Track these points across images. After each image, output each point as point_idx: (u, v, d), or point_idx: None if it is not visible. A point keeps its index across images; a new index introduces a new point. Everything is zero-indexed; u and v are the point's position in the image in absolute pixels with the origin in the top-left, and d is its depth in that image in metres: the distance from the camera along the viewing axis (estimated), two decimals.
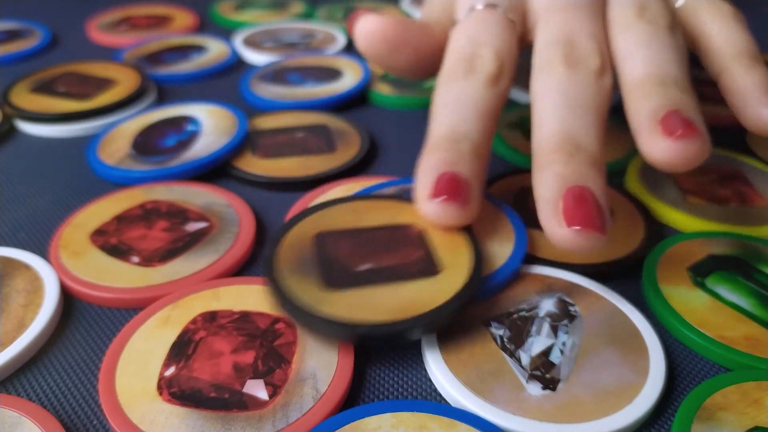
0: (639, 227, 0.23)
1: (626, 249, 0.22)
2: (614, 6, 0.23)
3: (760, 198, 0.25)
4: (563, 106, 0.20)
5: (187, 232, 0.22)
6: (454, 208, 0.19)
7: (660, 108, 0.19)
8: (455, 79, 0.22)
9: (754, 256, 0.22)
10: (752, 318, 0.19)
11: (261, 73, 0.35)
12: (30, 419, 0.16)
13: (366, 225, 0.21)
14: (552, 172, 0.19)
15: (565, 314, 0.19)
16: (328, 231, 0.21)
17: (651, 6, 0.23)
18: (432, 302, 0.18)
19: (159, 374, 0.17)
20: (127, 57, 0.38)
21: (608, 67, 0.22)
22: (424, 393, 0.18)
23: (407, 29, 0.25)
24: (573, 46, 0.22)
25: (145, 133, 0.29)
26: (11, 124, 0.31)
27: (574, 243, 0.18)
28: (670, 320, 0.19)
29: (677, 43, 0.22)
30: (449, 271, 0.19)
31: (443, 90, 0.22)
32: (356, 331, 0.17)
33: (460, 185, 0.19)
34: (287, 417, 0.16)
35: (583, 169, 0.19)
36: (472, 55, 0.22)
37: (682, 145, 0.19)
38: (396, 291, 0.18)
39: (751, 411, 0.16)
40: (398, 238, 0.20)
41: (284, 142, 0.29)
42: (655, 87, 0.20)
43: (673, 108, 0.19)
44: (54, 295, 0.20)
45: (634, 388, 0.17)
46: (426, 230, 0.20)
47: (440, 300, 0.18)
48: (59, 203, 0.25)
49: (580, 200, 0.18)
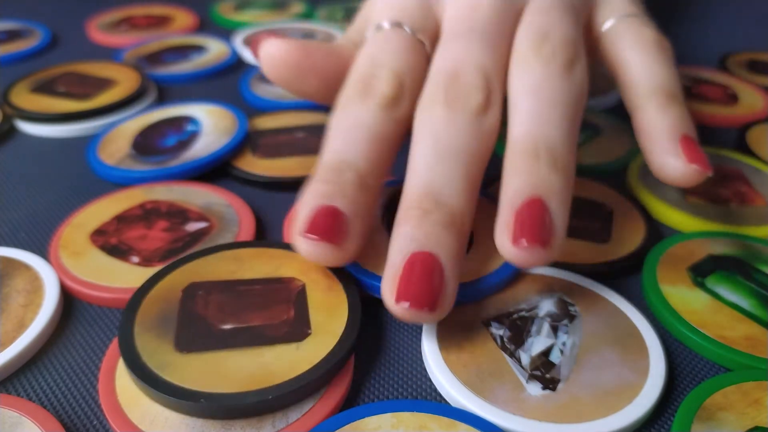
0: (640, 228, 0.23)
1: (626, 249, 0.22)
2: (519, 33, 0.22)
3: (759, 198, 0.25)
4: (432, 153, 0.19)
5: (187, 232, 0.22)
6: (325, 246, 0.18)
7: (520, 193, 0.18)
8: (351, 103, 0.21)
9: (753, 256, 0.22)
10: (752, 318, 0.19)
11: (261, 73, 0.35)
12: (30, 419, 0.16)
13: (243, 277, 0.19)
14: (401, 232, 0.18)
15: (565, 314, 0.19)
16: (201, 282, 0.19)
17: (553, 36, 0.21)
18: (289, 372, 0.16)
19: None
20: (127, 57, 0.38)
21: (494, 103, 0.20)
22: (424, 393, 0.18)
23: (311, 53, 0.23)
24: (457, 79, 0.20)
25: (145, 133, 0.29)
26: (11, 124, 0.31)
27: (405, 318, 0.16)
28: (671, 320, 0.19)
29: (571, 87, 0.20)
30: (317, 337, 0.17)
31: (338, 114, 0.21)
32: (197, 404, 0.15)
33: (335, 222, 0.18)
34: (287, 417, 0.16)
35: (436, 230, 0.17)
36: (370, 75, 0.21)
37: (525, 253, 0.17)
38: (255, 357, 0.17)
39: (751, 411, 0.16)
40: (274, 294, 0.19)
41: (284, 142, 0.29)
42: (526, 161, 0.19)
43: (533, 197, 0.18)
44: (54, 295, 0.20)
45: (634, 388, 0.17)
46: (307, 286, 0.19)
47: (297, 370, 0.16)
48: (59, 203, 0.25)
49: (419, 271, 0.17)
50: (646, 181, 0.26)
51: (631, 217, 0.24)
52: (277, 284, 0.19)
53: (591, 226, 0.23)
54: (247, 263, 0.20)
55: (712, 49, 0.42)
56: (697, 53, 0.42)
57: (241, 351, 0.17)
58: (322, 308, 0.18)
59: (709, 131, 0.32)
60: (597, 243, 0.22)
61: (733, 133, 0.31)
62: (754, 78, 0.37)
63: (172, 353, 0.17)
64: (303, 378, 0.16)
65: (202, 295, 0.19)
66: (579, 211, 0.24)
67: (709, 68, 0.38)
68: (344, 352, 0.17)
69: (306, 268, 0.20)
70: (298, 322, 0.18)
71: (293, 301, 0.19)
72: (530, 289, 0.20)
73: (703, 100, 0.34)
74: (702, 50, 0.42)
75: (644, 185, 0.26)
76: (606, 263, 0.21)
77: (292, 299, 0.19)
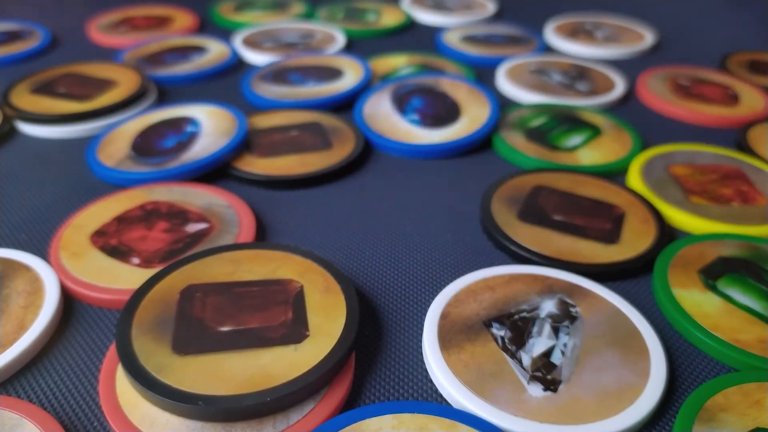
0: (650, 232, 0.23)
1: (632, 252, 0.22)
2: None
3: (761, 197, 0.25)
4: None
5: (187, 233, 0.22)
6: None
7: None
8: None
9: (763, 258, 0.22)
10: (765, 321, 0.19)
11: (261, 73, 0.35)
12: (30, 421, 0.16)
13: (241, 279, 0.19)
14: None
15: (567, 315, 0.19)
16: (199, 284, 0.19)
17: None
18: (287, 374, 0.16)
19: None
20: (127, 58, 0.38)
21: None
22: (425, 394, 0.18)
23: None
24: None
25: (144, 134, 0.29)
26: (11, 125, 0.31)
27: None
28: (685, 324, 0.19)
29: None
30: (316, 338, 0.17)
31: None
32: (196, 403, 0.15)
33: None
34: (288, 418, 0.16)
35: None
36: None
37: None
38: (253, 359, 0.17)
39: (752, 412, 0.16)
40: (272, 295, 0.19)
41: (280, 140, 0.29)
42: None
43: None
44: (54, 297, 0.20)
45: (635, 389, 0.17)
46: (305, 287, 0.19)
47: (296, 372, 0.16)
48: (59, 204, 0.25)
49: None
50: (649, 181, 0.26)
51: (644, 220, 0.24)
52: (275, 286, 0.19)
53: (601, 227, 0.23)
54: (244, 265, 0.20)
55: (712, 49, 0.42)
56: (697, 53, 0.42)
57: (239, 353, 0.17)
58: (320, 310, 0.18)
59: (710, 131, 0.32)
60: (605, 244, 0.22)
61: (733, 133, 0.31)
62: (754, 78, 0.37)
63: (170, 355, 0.17)
64: (301, 380, 0.16)
65: (200, 297, 0.19)
66: (590, 210, 0.24)
67: (709, 68, 0.38)
68: (342, 353, 0.17)
69: (304, 270, 0.20)
70: (296, 324, 0.18)
71: (291, 303, 0.19)
72: (531, 290, 0.20)
73: (703, 100, 0.34)
74: (702, 50, 0.42)
75: (646, 185, 0.26)
76: (609, 265, 0.21)
77: (290, 301, 0.19)
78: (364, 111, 0.31)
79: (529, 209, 0.24)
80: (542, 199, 0.25)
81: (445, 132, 0.29)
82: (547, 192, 0.25)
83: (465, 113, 0.30)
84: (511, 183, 0.26)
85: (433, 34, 0.44)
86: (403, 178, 0.27)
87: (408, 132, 0.29)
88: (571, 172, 0.26)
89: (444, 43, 0.41)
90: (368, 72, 0.35)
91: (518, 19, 0.47)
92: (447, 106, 0.31)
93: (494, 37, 0.42)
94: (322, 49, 0.39)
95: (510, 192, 0.25)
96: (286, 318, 0.18)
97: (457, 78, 0.33)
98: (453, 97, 0.32)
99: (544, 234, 0.23)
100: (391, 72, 0.36)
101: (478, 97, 0.31)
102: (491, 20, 0.47)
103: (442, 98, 0.32)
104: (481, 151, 0.29)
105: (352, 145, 0.28)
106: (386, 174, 0.27)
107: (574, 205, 0.24)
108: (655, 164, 0.27)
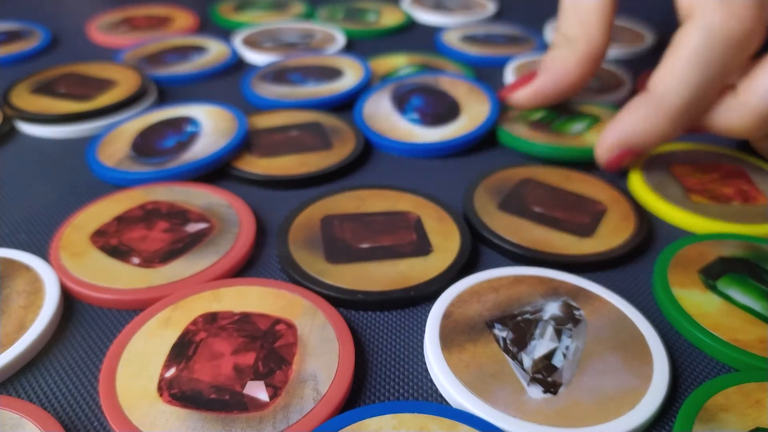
0: (630, 227, 0.23)
1: (606, 246, 0.22)
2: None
3: (762, 196, 0.25)
4: None
5: (187, 233, 0.22)
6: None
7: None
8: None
9: (763, 258, 0.22)
10: (765, 320, 0.19)
11: (262, 73, 0.35)
12: (30, 421, 0.16)
13: (368, 210, 0.23)
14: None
15: (570, 318, 0.19)
16: (334, 215, 0.23)
17: None
18: (421, 277, 0.20)
19: (159, 375, 0.17)
20: (128, 58, 0.38)
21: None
22: (425, 394, 0.18)
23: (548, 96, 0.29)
24: None
25: (144, 134, 0.29)
26: (11, 125, 0.31)
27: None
28: (684, 324, 0.19)
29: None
30: (439, 253, 0.21)
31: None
32: (356, 297, 0.20)
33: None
34: (288, 418, 0.16)
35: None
36: None
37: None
38: (391, 267, 0.21)
39: (752, 412, 0.16)
40: (396, 222, 0.23)
41: (280, 140, 0.29)
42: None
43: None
44: (54, 297, 0.20)
45: (636, 394, 0.17)
46: (422, 217, 0.23)
47: (429, 275, 0.20)
48: (59, 204, 0.25)
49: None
50: (649, 180, 0.26)
51: (626, 218, 0.24)
52: (397, 216, 0.23)
53: (579, 221, 0.23)
54: (368, 200, 0.24)
55: None
56: None
57: (380, 263, 0.21)
58: (437, 234, 0.22)
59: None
60: (578, 237, 0.23)
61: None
62: None
63: (325, 264, 0.21)
64: (436, 280, 0.20)
65: (338, 223, 0.23)
66: (572, 205, 0.24)
67: None
68: (464, 261, 0.21)
69: (417, 204, 0.24)
70: (421, 243, 0.22)
71: (413, 228, 0.23)
72: (535, 292, 0.20)
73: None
74: None
75: (647, 184, 0.26)
76: (575, 256, 0.22)
77: (411, 226, 0.23)
78: (364, 111, 0.31)
79: (511, 200, 0.25)
80: (526, 191, 0.25)
81: (445, 130, 0.29)
82: (534, 185, 0.26)
83: (465, 111, 0.30)
84: (501, 174, 0.26)
85: (433, 34, 0.44)
86: (404, 178, 0.27)
87: (408, 131, 0.29)
88: (563, 168, 0.27)
89: (444, 43, 0.41)
90: (368, 72, 0.35)
91: (518, 19, 0.47)
92: (447, 105, 0.31)
93: (494, 36, 0.42)
94: (322, 49, 0.39)
95: (497, 183, 0.26)
96: (411, 239, 0.22)
97: (456, 76, 0.33)
98: (453, 96, 0.32)
99: (521, 224, 0.23)
100: (391, 72, 0.36)
101: (477, 94, 0.31)
102: (491, 20, 0.47)
103: (442, 97, 0.31)
104: (483, 148, 0.29)
105: (353, 145, 0.28)
106: (386, 174, 0.27)
107: (557, 199, 0.25)
108: (655, 163, 0.27)
